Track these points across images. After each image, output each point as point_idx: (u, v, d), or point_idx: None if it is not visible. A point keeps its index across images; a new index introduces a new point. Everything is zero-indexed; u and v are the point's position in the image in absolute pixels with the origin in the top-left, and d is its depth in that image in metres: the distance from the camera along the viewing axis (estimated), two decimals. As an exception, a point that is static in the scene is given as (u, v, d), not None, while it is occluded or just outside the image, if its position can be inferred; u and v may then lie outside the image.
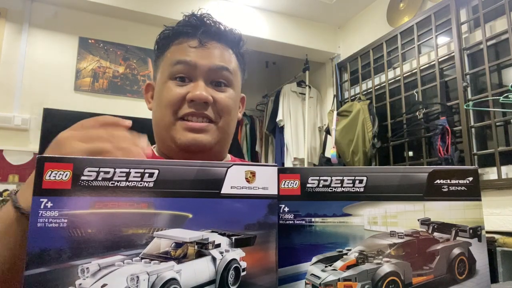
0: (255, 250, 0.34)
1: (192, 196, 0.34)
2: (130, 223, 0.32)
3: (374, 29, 3.20)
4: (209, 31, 0.71)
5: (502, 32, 2.21)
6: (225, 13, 3.16)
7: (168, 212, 0.33)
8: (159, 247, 0.33)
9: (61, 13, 2.89)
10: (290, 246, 0.35)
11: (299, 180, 0.36)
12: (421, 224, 0.36)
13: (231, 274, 0.34)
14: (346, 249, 0.36)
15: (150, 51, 3.12)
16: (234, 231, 0.34)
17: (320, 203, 0.36)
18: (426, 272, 0.36)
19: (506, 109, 2.17)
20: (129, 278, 0.31)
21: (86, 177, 0.32)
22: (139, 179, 0.33)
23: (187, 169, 0.34)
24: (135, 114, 2.93)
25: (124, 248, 0.32)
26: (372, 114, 2.90)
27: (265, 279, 0.34)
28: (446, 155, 2.29)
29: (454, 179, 0.37)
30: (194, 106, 0.67)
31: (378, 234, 0.36)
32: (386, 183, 0.36)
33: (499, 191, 2.12)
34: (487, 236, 2.01)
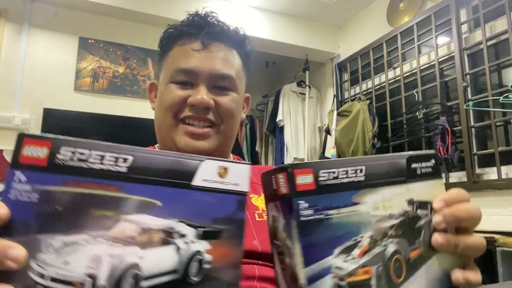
0: (222, 244, 0.34)
1: (163, 184, 0.34)
2: (99, 204, 0.32)
3: (374, 29, 3.20)
4: (212, 31, 0.70)
5: (502, 32, 2.21)
6: (225, 13, 3.16)
7: (138, 197, 0.33)
8: (125, 231, 0.33)
9: (61, 13, 2.89)
10: (313, 242, 0.35)
11: (312, 174, 0.36)
12: (408, 204, 0.40)
13: (194, 266, 0.34)
14: (360, 236, 0.37)
15: (150, 51, 3.13)
16: (202, 223, 0.34)
17: (333, 195, 0.37)
18: (417, 246, 0.40)
19: (506, 109, 2.17)
20: (92, 258, 0.31)
21: (62, 156, 0.32)
22: (113, 163, 0.33)
23: (162, 158, 0.35)
24: (135, 114, 2.94)
25: (90, 228, 0.32)
26: (372, 114, 2.90)
27: (229, 274, 0.34)
28: (446, 155, 2.29)
29: (422, 162, 0.43)
30: (195, 110, 0.67)
31: (381, 218, 0.39)
32: (380, 170, 0.40)
33: (499, 191, 2.12)
34: (487, 236, 2.01)
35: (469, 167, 2.27)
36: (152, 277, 0.32)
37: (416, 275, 0.39)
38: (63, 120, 2.69)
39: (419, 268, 0.39)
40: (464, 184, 2.32)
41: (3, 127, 2.63)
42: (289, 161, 3.55)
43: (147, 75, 3.11)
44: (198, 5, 3.17)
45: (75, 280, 0.31)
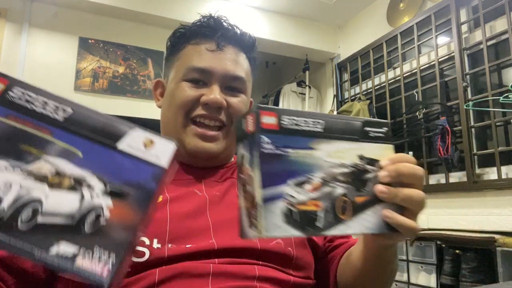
0: (124, 205, 0.36)
1: (91, 139, 0.37)
2: (27, 140, 0.36)
3: (374, 29, 3.20)
4: (226, 34, 0.71)
5: (502, 32, 2.21)
6: (225, 13, 3.15)
7: (63, 144, 0.37)
8: (41, 169, 0.36)
9: (61, 13, 2.89)
10: (271, 171, 0.41)
11: (276, 117, 0.42)
12: (359, 158, 0.47)
13: (91, 217, 0.36)
14: (312, 175, 0.43)
15: (150, 51, 3.13)
16: (113, 181, 0.37)
17: (292, 138, 0.43)
18: (364, 194, 0.46)
19: (506, 109, 2.17)
20: (3, 183, 0.35)
21: (13, 93, 0.37)
22: (53, 111, 0.37)
23: (98, 118, 0.38)
24: (135, 114, 2.93)
25: (12, 158, 0.35)
26: (372, 114, 2.90)
27: (120, 233, 0.35)
28: (446, 155, 2.29)
29: (376, 127, 0.49)
30: (208, 110, 0.67)
31: (333, 165, 0.45)
32: (337, 126, 0.46)
33: (499, 191, 2.12)
34: (486, 236, 2.01)
35: (469, 167, 2.27)
36: (49, 215, 0.35)
37: (360, 216, 0.45)
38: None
39: (364, 211, 0.45)
40: (464, 184, 2.32)
41: (3, 127, 2.63)
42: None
43: (147, 75, 3.11)
44: (199, 5, 3.18)
45: None
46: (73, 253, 0.34)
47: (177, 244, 0.56)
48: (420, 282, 2.37)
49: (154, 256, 0.54)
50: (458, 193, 2.34)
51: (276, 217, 0.39)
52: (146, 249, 0.55)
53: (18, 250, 0.33)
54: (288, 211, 0.40)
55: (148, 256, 0.54)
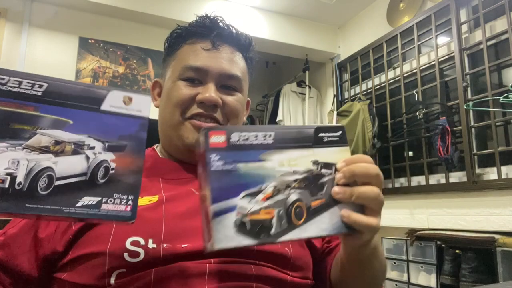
0: (125, 155, 0.42)
1: (75, 108, 0.41)
2: (17, 119, 0.39)
3: (374, 29, 3.20)
4: (222, 34, 0.72)
5: (502, 32, 2.21)
6: (225, 13, 3.15)
7: (52, 116, 0.40)
8: (40, 142, 0.39)
9: (61, 13, 2.89)
10: (222, 186, 0.43)
11: (225, 136, 0.45)
12: (313, 164, 0.49)
13: (100, 171, 0.41)
14: (264, 186, 0.45)
15: (150, 51, 3.13)
16: (109, 139, 0.42)
17: (242, 153, 0.45)
18: (319, 198, 0.48)
19: (506, 109, 2.17)
20: (11, 161, 0.37)
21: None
22: (29, 88, 0.39)
23: (74, 87, 0.41)
24: (135, 114, 2.94)
25: (9, 138, 0.38)
26: (372, 114, 2.90)
27: (130, 178, 0.42)
28: (446, 155, 2.29)
29: (330, 132, 0.51)
30: (203, 108, 0.68)
31: (285, 173, 0.47)
32: (288, 136, 0.48)
33: (499, 191, 2.12)
34: (486, 236, 2.01)
35: (469, 167, 2.27)
36: (64, 178, 0.39)
37: (316, 219, 0.47)
38: (63, 120, 2.69)
39: (320, 214, 0.47)
40: (464, 184, 2.32)
41: (3, 127, 2.63)
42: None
43: (147, 75, 3.11)
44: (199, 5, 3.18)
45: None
46: (97, 201, 0.40)
47: (173, 243, 0.56)
48: (420, 282, 2.37)
49: (150, 256, 0.54)
50: (458, 193, 2.34)
51: (228, 229, 0.42)
52: (141, 249, 0.54)
53: (48, 211, 0.38)
54: (240, 222, 0.43)
55: (143, 256, 0.54)
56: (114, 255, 0.54)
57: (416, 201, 2.60)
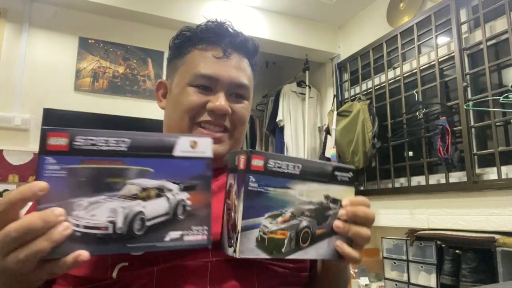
0: (197, 193, 0.50)
1: (153, 157, 0.48)
2: (110, 174, 0.45)
3: (374, 29, 3.20)
4: (234, 41, 0.72)
5: (502, 32, 2.21)
6: (225, 13, 3.16)
7: (136, 167, 0.47)
8: (131, 191, 0.46)
9: (61, 13, 2.89)
10: (253, 205, 0.51)
11: (263, 160, 0.52)
12: (324, 198, 0.57)
13: (180, 209, 0.49)
14: (284, 210, 0.53)
15: (150, 51, 3.13)
16: (182, 180, 0.49)
17: (274, 178, 0.53)
18: (323, 227, 0.56)
19: (506, 109, 2.17)
20: (110, 210, 0.44)
21: (77, 142, 0.44)
22: (115, 144, 0.46)
23: (150, 138, 0.48)
24: (135, 114, 2.94)
25: (106, 191, 0.45)
26: (372, 114, 2.90)
27: (203, 211, 0.50)
28: (446, 155, 2.29)
29: (343, 172, 0.59)
30: (213, 116, 0.69)
31: (303, 202, 0.55)
32: (312, 170, 0.56)
33: (499, 191, 2.12)
34: (486, 236, 2.01)
35: (469, 167, 2.27)
36: (152, 219, 0.47)
37: (317, 245, 0.56)
38: (63, 120, 2.69)
39: (321, 241, 0.56)
40: (464, 184, 2.32)
41: (3, 127, 2.63)
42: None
43: (147, 75, 3.11)
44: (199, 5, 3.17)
45: (101, 225, 0.44)
46: (180, 234, 0.48)
47: None
48: (420, 282, 2.37)
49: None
50: (458, 193, 2.34)
51: (251, 242, 0.50)
52: None
53: (145, 248, 0.46)
54: (260, 238, 0.51)
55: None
56: None
57: (416, 201, 2.60)
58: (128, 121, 2.87)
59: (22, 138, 2.69)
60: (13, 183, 2.62)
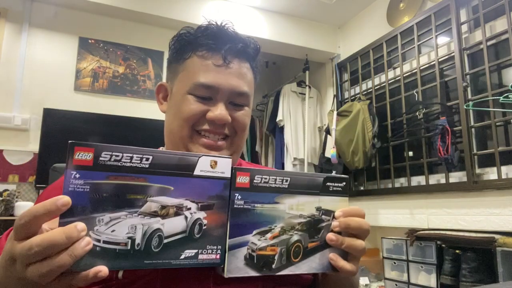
0: (214, 213, 0.50)
1: (174, 175, 0.49)
2: (132, 191, 0.46)
3: (374, 29, 3.20)
4: (234, 48, 0.71)
5: (502, 32, 2.21)
6: (225, 13, 3.16)
7: (158, 185, 0.48)
8: (151, 208, 0.47)
9: (61, 13, 2.89)
10: (240, 223, 0.51)
11: (249, 177, 0.52)
12: (316, 210, 0.56)
13: (196, 227, 0.49)
14: (274, 226, 0.53)
15: (150, 51, 3.13)
16: (200, 199, 0.50)
17: (261, 194, 0.53)
18: (316, 240, 0.55)
19: (506, 109, 2.17)
20: (130, 227, 0.46)
21: (103, 158, 0.45)
22: (139, 161, 0.47)
23: (172, 157, 0.49)
24: (135, 114, 2.94)
25: (127, 207, 0.46)
26: (372, 114, 2.90)
27: (218, 231, 0.51)
28: (446, 155, 2.29)
29: (336, 182, 0.58)
30: (213, 125, 0.68)
31: (293, 216, 0.54)
32: (301, 182, 0.55)
33: (499, 191, 2.12)
34: (486, 236, 2.01)
35: (469, 167, 2.27)
36: (170, 236, 0.48)
37: (310, 259, 0.55)
38: (63, 120, 2.69)
39: (314, 255, 0.55)
40: (464, 184, 2.32)
41: (3, 127, 2.63)
42: (289, 161, 3.56)
43: (147, 75, 3.11)
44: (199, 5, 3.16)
45: (120, 241, 0.45)
46: (195, 253, 0.49)
47: None
48: (420, 282, 2.37)
49: None
50: (458, 193, 2.34)
51: (239, 261, 0.51)
52: None
53: (160, 265, 0.47)
54: (249, 256, 0.51)
55: None
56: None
57: (416, 201, 2.60)
58: (128, 121, 2.87)
59: (22, 138, 2.69)
60: (13, 183, 2.62)
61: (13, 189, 2.59)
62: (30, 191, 2.67)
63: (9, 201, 2.46)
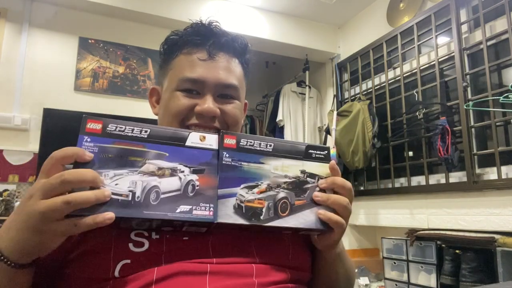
0: (205, 176, 0.57)
1: (169, 144, 0.57)
2: (132, 154, 0.54)
3: (374, 29, 3.20)
4: (218, 42, 0.72)
5: (502, 32, 2.21)
6: (225, 13, 3.16)
7: (155, 151, 0.56)
8: (149, 168, 0.54)
9: (61, 13, 2.89)
10: (228, 176, 0.57)
11: (235, 139, 0.59)
12: (301, 172, 0.61)
13: (190, 187, 0.56)
14: (260, 182, 0.59)
15: (150, 51, 3.13)
16: (193, 165, 0.57)
17: (247, 155, 0.59)
18: (302, 199, 0.60)
19: (506, 109, 2.17)
20: (131, 182, 0.52)
21: (109, 128, 0.54)
22: (139, 132, 0.56)
23: (167, 131, 0.58)
24: (135, 114, 2.93)
25: (129, 167, 0.54)
26: (372, 114, 2.90)
27: (210, 191, 0.56)
28: (446, 155, 2.29)
29: (318, 150, 0.63)
30: (202, 119, 0.69)
31: (278, 176, 0.60)
32: (284, 148, 0.62)
33: (499, 191, 2.12)
34: (486, 236, 2.01)
35: (469, 167, 2.27)
36: (166, 193, 0.54)
37: (297, 214, 0.59)
38: (63, 120, 2.69)
39: (301, 211, 0.59)
40: (464, 184, 2.32)
41: (3, 127, 2.63)
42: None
43: (147, 75, 3.12)
44: (199, 5, 3.16)
45: (123, 192, 0.51)
46: (189, 208, 0.54)
47: (175, 235, 0.59)
48: (420, 282, 2.37)
49: (153, 247, 0.57)
50: (458, 193, 2.34)
51: (228, 209, 0.56)
52: (145, 239, 0.57)
53: (157, 216, 0.52)
54: (238, 206, 0.56)
55: (147, 246, 0.57)
56: (119, 245, 0.56)
57: (416, 201, 2.60)
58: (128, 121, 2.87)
59: (22, 138, 2.69)
60: (13, 183, 2.62)
61: (13, 189, 2.59)
62: (30, 191, 2.67)
63: (9, 201, 2.46)
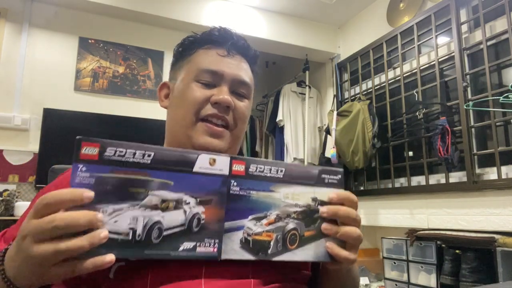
0: (212, 207, 0.52)
1: (175, 171, 0.51)
2: (134, 184, 0.49)
3: (374, 29, 3.20)
4: (236, 44, 0.76)
5: (502, 32, 2.21)
6: (225, 13, 3.16)
7: (159, 180, 0.50)
8: (152, 201, 0.49)
9: (61, 13, 2.90)
10: (236, 208, 0.53)
11: (244, 166, 0.54)
12: (312, 200, 0.57)
13: (195, 221, 0.51)
14: (269, 212, 0.55)
15: (150, 51, 3.13)
16: (199, 195, 0.52)
17: (257, 182, 0.55)
18: (311, 229, 0.56)
19: (506, 109, 2.17)
20: (132, 218, 0.48)
21: (107, 153, 0.47)
22: (141, 157, 0.49)
23: (173, 153, 0.52)
24: (135, 114, 2.94)
25: (129, 200, 0.48)
26: (372, 114, 2.90)
27: (215, 225, 0.52)
28: (446, 155, 2.29)
29: (331, 175, 0.59)
30: (218, 108, 0.70)
31: (288, 205, 0.56)
32: (296, 173, 0.57)
33: (499, 191, 2.12)
34: (487, 236, 2.01)
35: (469, 167, 2.27)
36: (169, 229, 0.50)
37: (306, 247, 0.56)
38: (63, 120, 2.69)
39: (310, 243, 0.56)
40: (464, 184, 2.32)
41: (3, 127, 2.63)
42: (289, 161, 3.56)
43: (147, 75, 3.11)
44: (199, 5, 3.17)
45: (122, 231, 0.47)
46: (193, 245, 0.50)
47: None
48: (420, 282, 2.37)
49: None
50: (458, 193, 2.34)
51: (234, 244, 0.52)
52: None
53: (159, 256, 0.49)
54: (245, 240, 0.53)
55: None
56: None
57: (416, 201, 2.60)
58: (128, 121, 2.87)
59: (22, 138, 2.69)
60: (13, 183, 2.62)
61: (13, 189, 2.59)
62: (30, 191, 2.67)
63: (9, 201, 2.46)
